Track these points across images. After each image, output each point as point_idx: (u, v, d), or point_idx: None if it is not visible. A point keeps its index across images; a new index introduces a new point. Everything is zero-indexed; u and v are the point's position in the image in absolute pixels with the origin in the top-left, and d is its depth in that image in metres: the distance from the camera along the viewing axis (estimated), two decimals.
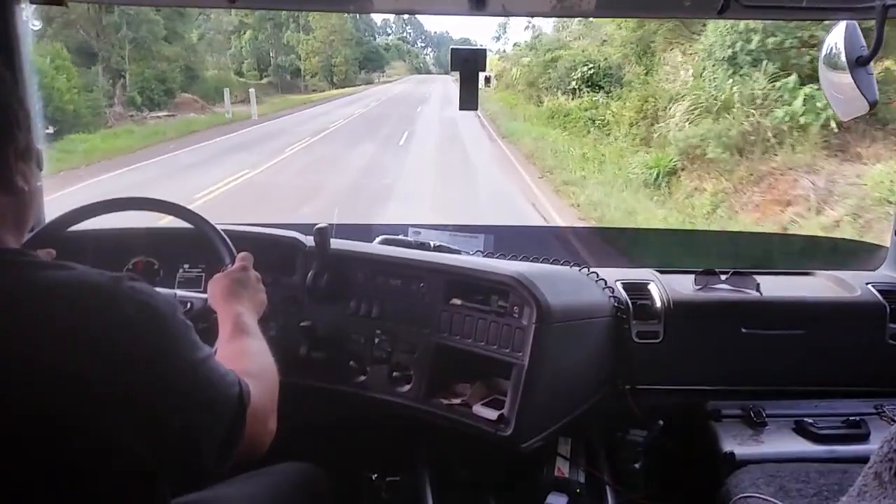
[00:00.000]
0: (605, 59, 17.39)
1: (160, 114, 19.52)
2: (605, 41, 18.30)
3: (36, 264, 0.74)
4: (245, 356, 1.00)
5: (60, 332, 0.68)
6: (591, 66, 17.28)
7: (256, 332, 1.11)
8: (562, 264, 1.71)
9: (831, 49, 1.31)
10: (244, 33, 34.16)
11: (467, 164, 13.81)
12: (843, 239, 6.42)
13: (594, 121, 15.39)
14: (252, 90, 26.68)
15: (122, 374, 0.70)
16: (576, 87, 17.20)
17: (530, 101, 20.24)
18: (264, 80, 33.97)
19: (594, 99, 16.30)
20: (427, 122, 22.51)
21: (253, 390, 0.86)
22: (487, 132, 19.56)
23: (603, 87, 16.60)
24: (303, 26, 35.49)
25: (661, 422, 1.58)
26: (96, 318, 0.70)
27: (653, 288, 1.70)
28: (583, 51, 18.53)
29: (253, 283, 1.23)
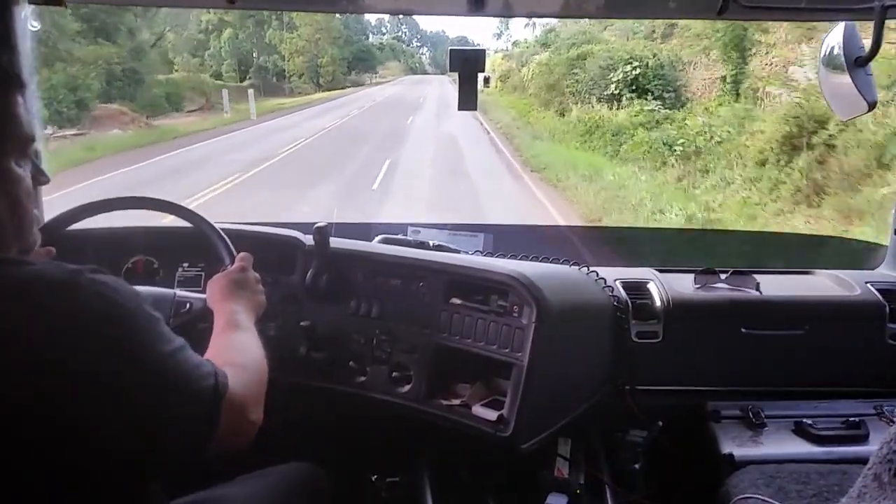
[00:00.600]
0: (654, 55, 13.21)
1: (68, 132, 15.17)
2: (671, 27, 13.19)
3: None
4: (231, 349, 1.01)
5: (20, 328, 0.68)
6: (636, 64, 13.00)
7: (248, 327, 1.11)
8: (561, 263, 1.71)
9: (830, 49, 1.32)
10: (223, 32, 31.69)
11: None
12: (843, 238, 6.41)
13: (671, 146, 10.06)
14: (251, 91, 25.25)
15: (88, 366, 0.70)
16: (616, 91, 12.99)
17: (548, 107, 15.77)
18: (245, 83, 31.06)
19: (649, 109, 11.76)
20: (419, 140, 16.58)
21: (235, 380, 0.86)
22: (505, 159, 13.45)
23: (652, 92, 12.46)
24: (287, 24, 33.35)
25: (660, 422, 1.58)
26: (56, 313, 0.70)
27: (652, 287, 1.70)
28: (623, 45, 13.91)
29: (252, 284, 1.22)
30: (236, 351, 1.00)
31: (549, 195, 9.83)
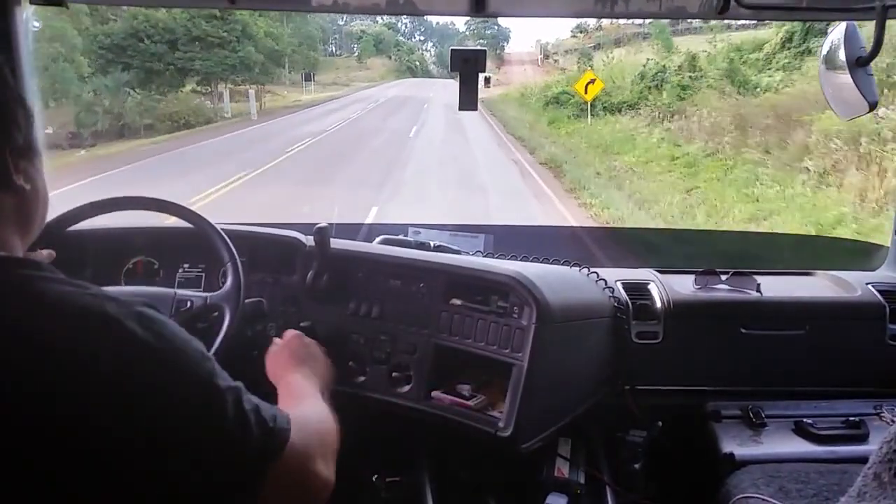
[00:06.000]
0: None
1: None
2: None
3: (44, 279, 0.71)
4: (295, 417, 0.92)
5: (59, 356, 0.66)
6: None
7: (312, 394, 1.07)
8: (561, 264, 1.71)
9: (831, 49, 1.32)
10: None
11: None
12: (844, 239, 6.41)
13: None
14: (252, 91, 23.22)
15: (125, 409, 0.67)
16: None
17: None
18: None
19: None
20: None
21: (299, 433, 0.81)
22: None
23: None
24: None
25: (660, 422, 1.57)
26: (99, 350, 0.67)
27: (653, 288, 1.70)
28: None
29: (314, 352, 1.24)
30: (300, 418, 0.89)
31: None
